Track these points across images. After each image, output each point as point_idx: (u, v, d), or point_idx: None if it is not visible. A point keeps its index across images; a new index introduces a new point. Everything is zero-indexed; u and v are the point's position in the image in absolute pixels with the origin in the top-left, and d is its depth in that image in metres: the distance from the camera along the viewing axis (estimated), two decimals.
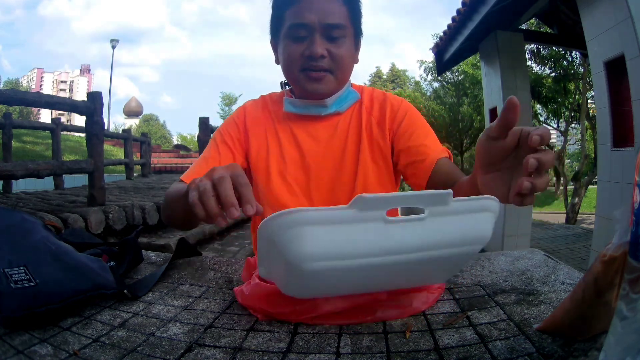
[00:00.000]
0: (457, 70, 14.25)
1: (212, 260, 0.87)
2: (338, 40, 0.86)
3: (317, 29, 0.84)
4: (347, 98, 0.94)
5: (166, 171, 9.68)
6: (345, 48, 0.87)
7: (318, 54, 0.84)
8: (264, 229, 0.46)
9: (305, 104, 0.92)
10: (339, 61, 0.87)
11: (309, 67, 0.86)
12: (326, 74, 0.87)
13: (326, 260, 0.46)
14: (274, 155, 0.93)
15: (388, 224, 0.46)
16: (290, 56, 0.86)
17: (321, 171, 0.93)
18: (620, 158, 3.26)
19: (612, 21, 3.10)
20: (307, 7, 0.83)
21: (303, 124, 0.95)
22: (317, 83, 0.87)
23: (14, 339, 0.50)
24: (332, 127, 0.94)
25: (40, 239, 0.59)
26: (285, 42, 0.87)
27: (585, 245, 5.37)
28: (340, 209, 0.45)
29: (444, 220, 0.48)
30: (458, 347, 0.46)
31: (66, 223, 2.56)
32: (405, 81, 34.13)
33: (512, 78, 5.13)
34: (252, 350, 0.47)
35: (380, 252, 0.47)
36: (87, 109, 3.06)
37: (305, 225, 0.44)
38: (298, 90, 0.93)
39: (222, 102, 27.35)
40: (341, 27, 0.85)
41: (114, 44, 24.27)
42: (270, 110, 0.97)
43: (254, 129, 0.95)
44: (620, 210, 0.36)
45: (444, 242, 0.50)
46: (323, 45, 0.84)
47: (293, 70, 0.88)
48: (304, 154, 0.93)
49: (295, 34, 0.85)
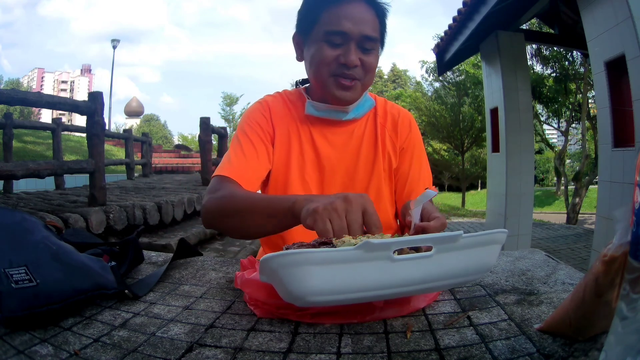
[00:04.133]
0: (458, 70, 14.26)
1: (213, 261, 0.87)
2: (370, 52, 0.88)
3: (355, 38, 0.85)
4: (365, 105, 0.98)
5: (167, 171, 9.68)
6: (375, 59, 0.90)
7: (353, 63, 0.86)
8: (267, 265, 0.46)
9: (327, 109, 0.94)
10: (369, 71, 0.90)
11: (341, 74, 0.87)
12: (356, 82, 0.89)
13: (330, 295, 0.46)
14: (295, 152, 0.96)
15: (394, 262, 0.46)
16: (323, 60, 0.87)
17: (335, 174, 0.96)
18: (621, 158, 3.26)
19: (612, 21, 3.09)
20: (346, 15, 0.85)
21: (321, 128, 0.97)
22: (346, 91, 0.89)
23: (14, 339, 0.50)
24: (348, 133, 0.98)
25: (41, 239, 0.59)
26: (318, 44, 0.87)
27: (585, 245, 5.37)
28: (347, 251, 0.45)
29: (452, 255, 0.48)
30: (459, 347, 0.46)
31: (67, 223, 2.56)
32: (406, 81, 34.12)
33: (513, 78, 5.13)
34: (253, 350, 0.47)
35: (385, 287, 0.48)
36: (88, 109, 3.06)
37: (310, 265, 0.44)
38: (322, 92, 0.94)
39: (223, 102, 27.37)
40: (374, 40, 0.88)
41: (114, 44, 24.26)
42: (291, 108, 0.99)
43: (279, 125, 0.97)
44: (621, 211, 0.36)
45: (449, 275, 0.50)
46: (357, 55, 0.86)
47: (323, 74, 0.89)
48: (320, 156, 0.96)
49: (331, 40, 0.86)
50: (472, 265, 0.51)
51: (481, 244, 0.50)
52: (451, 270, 0.50)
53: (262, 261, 0.47)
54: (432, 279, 0.49)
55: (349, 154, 0.97)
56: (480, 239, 0.49)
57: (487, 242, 0.50)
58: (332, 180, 0.96)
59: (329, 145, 0.97)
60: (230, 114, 26.92)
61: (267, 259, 0.46)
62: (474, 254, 0.50)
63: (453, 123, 15.56)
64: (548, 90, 11.02)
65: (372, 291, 0.48)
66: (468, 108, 15.35)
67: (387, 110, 1.02)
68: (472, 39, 5.21)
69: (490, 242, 0.51)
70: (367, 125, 1.00)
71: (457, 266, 0.50)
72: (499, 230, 0.50)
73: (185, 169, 9.98)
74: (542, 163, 25.20)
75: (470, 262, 0.50)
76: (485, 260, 0.52)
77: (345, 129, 0.98)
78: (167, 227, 3.74)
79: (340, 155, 0.97)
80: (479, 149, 17.60)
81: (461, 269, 0.50)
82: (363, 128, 0.99)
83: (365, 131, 0.99)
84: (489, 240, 0.50)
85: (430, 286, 0.52)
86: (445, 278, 0.51)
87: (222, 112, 27.23)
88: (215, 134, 6.04)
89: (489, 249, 0.51)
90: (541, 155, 23.42)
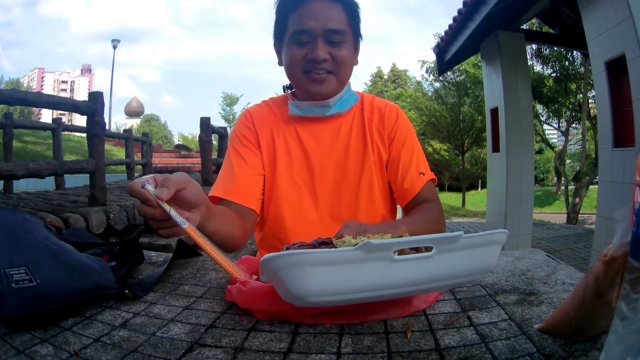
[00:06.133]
0: (459, 70, 14.25)
1: (213, 261, 0.86)
2: (339, 45, 0.90)
3: (319, 34, 0.87)
4: (348, 100, 0.98)
5: (167, 171, 9.63)
6: (345, 51, 0.91)
7: (320, 58, 0.88)
8: (268, 266, 0.46)
9: (309, 106, 0.96)
10: (340, 63, 0.91)
11: (311, 69, 0.89)
12: (328, 75, 0.91)
13: (331, 295, 0.46)
14: (281, 153, 0.97)
15: (395, 262, 0.46)
16: (293, 59, 0.90)
17: (325, 170, 0.97)
18: (621, 158, 3.26)
19: (613, 21, 3.09)
20: (309, 14, 0.87)
21: (307, 126, 0.98)
22: (319, 84, 0.91)
23: (14, 339, 0.50)
24: (334, 129, 0.99)
25: (41, 239, 0.59)
26: (288, 46, 0.91)
27: (586, 245, 5.37)
28: (347, 252, 0.45)
29: (452, 255, 0.48)
30: (459, 347, 0.46)
31: (67, 223, 2.56)
32: (407, 81, 34.10)
33: (513, 78, 5.13)
34: (253, 350, 0.47)
35: (385, 287, 0.48)
36: (88, 109, 3.07)
37: (311, 266, 0.44)
38: (300, 92, 0.97)
39: (223, 102, 27.35)
40: (341, 33, 0.89)
41: (115, 43, 24.26)
42: (276, 112, 1.01)
43: (262, 130, 0.99)
44: (621, 211, 0.36)
45: (450, 275, 0.50)
46: (325, 49, 0.88)
47: (295, 73, 0.92)
48: (308, 154, 0.97)
49: (298, 39, 0.89)
50: (472, 266, 0.51)
51: (482, 245, 0.50)
52: (452, 270, 0.50)
53: (262, 261, 0.47)
54: (432, 279, 0.49)
55: (337, 150, 0.97)
56: (481, 239, 0.49)
57: (487, 242, 0.50)
58: (322, 178, 0.96)
59: (316, 142, 0.97)
60: (230, 114, 26.91)
61: (267, 259, 0.46)
62: (475, 255, 0.50)
63: (453, 123, 15.55)
64: (548, 90, 11.02)
65: (372, 291, 0.48)
66: (468, 108, 15.35)
67: (373, 105, 1.03)
68: (473, 39, 5.21)
69: (491, 243, 0.51)
70: (354, 120, 1.00)
71: (458, 267, 0.50)
72: (500, 230, 0.50)
73: (185, 169, 9.99)
74: (542, 163, 25.20)
75: (470, 262, 0.50)
76: (486, 260, 0.52)
77: (331, 125, 0.98)
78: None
79: (329, 151, 0.97)
80: (479, 149, 17.59)
81: (462, 269, 0.50)
82: (350, 123, 0.99)
83: (353, 126, 0.99)
84: (489, 241, 0.50)
85: (431, 287, 0.52)
86: (446, 279, 0.50)
87: (222, 112, 27.25)
88: (215, 134, 6.05)
89: (489, 249, 0.51)
90: (541, 155, 23.43)
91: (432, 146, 18.11)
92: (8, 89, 2.72)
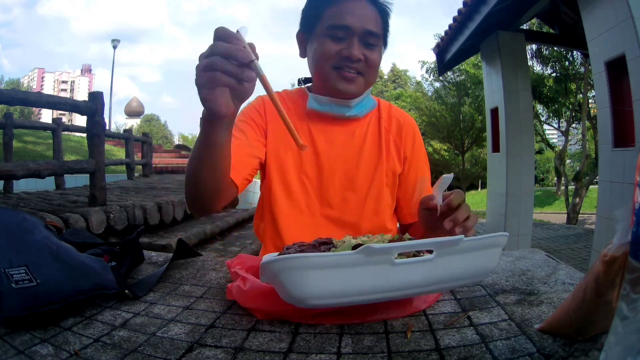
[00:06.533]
0: (459, 70, 14.25)
1: (213, 261, 0.87)
2: (373, 47, 0.89)
3: (357, 33, 0.87)
4: (368, 104, 0.98)
5: (167, 171, 9.68)
6: (377, 55, 0.91)
7: (355, 57, 0.87)
8: (268, 268, 0.46)
9: (329, 102, 0.94)
10: (372, 66, 0.91)
11: (343, 66, 0.88)
12: (358, 76, 0.90)
13: (331, 298, 0.46)
14: (292, 149, 0.94)
15: (395, 266, 0.46)
16: (325, 53, 0.88)
17: (334, 173, 0.95)
18: (621, 158, 3.26)
19: (613, 21, 3.09)
20: (349, 11, 0.86)
21: (321, 125, 0.96)
22: (348, 83, 0.90)
23: (14, 339, 0.50)
24: (349, 133, 0.97)
25: (41, 239, 0.59)
26: (321, 39, 0.89)
27: (586, 245, 5.37)
28: (348, 255, 0.45)
29: (453, 258, 0.48)
30: (459, 347, 0.46)
31: (67, 223, 2.56)
32: (406, 81, 34.09)
33: (513, 78, 5.13)
34: (254, 350, 0.47)
35: (386, 290, 0.48)
36: (88, 109, 3.07)
37: (311, 269, 0.44)
38: (324, 87, 0.94)
39: None
40: (377, 36, 0.89)
41: (115, 43, 24.23)
42: (290, 106, 0.98)
43: (273, 121, 0.96)
44: (621, 211, 0.36)
45: (450, 278, 0.50)
46: (360, 50, 0.88)
47: (325, 67, 0.90)
48: (318, 154, 0.95)
49: (334, 34, 0.87)
50: (473, 269, 0.51)
51: (482, 248, 0.50)
52: (452, 273, 0.50)
53: (262, 264, 0.47)
54: (432, 282, 0.49)
55: (349, 153, 0.96)
56: (481, 242, 0.49)
57: (488, 245, 0.50)
58: (330, 180, 0.94)
59: (327, 143, 0.95)
60: None
61: (268, 262, 0.46)
62: (475, 258, 0.50)
63: (453, 123, 15.56)
64: (548, 90, 11.02)
65: (373, 294, 0.48)
66: (468, 108, 15.35)
67: (391, 114, 1.02)
68: (473, 39, 5.22)
69: (491, 246, 0.51)
70: (369, 126, 0.99)
71: (458, 270, 0.50)
72: (500, 233, 0.50)
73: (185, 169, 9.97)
74: (542, 163, 25.19)
75: (471, 265, 0.50)
76: (486, 263, 0.52)
77: (346, 128, 0.97)
78: (168, 227, 3.74)
79: (340, 154, 0.95)
80: (479, 149, 17.59)
81: (462, 272, 0.50)
82: (365, 129, 0.98)
83: (368, 132, 0.98)
84: (489, 244, 0.50)
85: (431, 289, 0.52)
86: (446, 281, 0.51)
87: None
88: None
89: (489, 252, 0.51)
90: (541, 155, 23.41)
91: (432, 146, 18.11)
92: (8, 89, 2.73)
